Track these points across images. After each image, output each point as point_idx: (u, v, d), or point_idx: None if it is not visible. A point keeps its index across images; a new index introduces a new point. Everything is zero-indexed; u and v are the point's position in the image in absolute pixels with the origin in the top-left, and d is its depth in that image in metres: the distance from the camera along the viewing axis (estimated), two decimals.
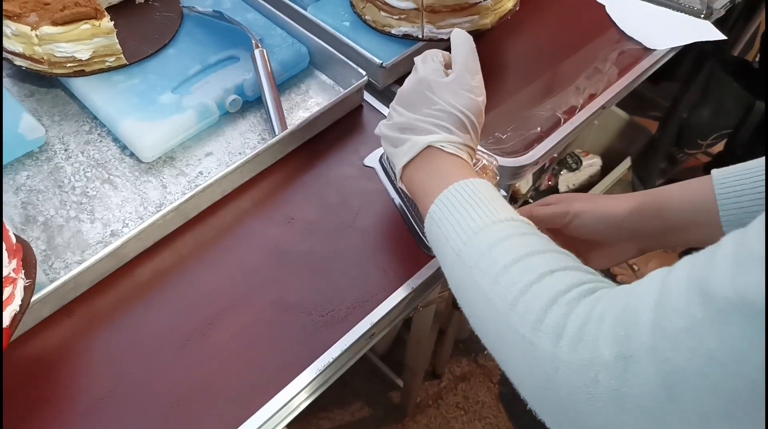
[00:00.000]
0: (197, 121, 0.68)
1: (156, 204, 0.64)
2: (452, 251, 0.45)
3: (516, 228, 0.44)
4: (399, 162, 0.52)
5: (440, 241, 0.46)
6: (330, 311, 0.58)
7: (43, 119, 0.70)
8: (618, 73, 0.79)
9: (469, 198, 0.46)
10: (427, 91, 0.52)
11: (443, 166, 0.49)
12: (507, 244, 0.42)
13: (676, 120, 1.41)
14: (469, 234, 0.44)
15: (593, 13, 0.87)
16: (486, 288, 0.41)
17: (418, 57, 0.56)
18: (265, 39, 0.74)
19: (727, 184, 0.52)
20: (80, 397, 0.52)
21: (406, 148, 0.51)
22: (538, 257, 0.41)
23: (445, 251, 0.46)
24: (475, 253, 0.43)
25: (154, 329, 0.56)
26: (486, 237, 0.43)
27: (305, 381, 0.53)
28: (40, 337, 0.55)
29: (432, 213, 0.47)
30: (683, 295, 0.32)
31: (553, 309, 0.38)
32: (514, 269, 0.41)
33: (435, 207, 0.47)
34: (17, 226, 0.61)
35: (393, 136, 0.53)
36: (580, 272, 0.40)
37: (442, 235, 0.46)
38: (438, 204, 0.47)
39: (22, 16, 0.65)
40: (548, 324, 0.37)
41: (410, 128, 0.51)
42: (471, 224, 0.44)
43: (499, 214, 0.44)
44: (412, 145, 0.51)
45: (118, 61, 0.70)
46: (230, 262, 0.60)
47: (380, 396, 1.32)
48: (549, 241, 0.44)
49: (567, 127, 0.73)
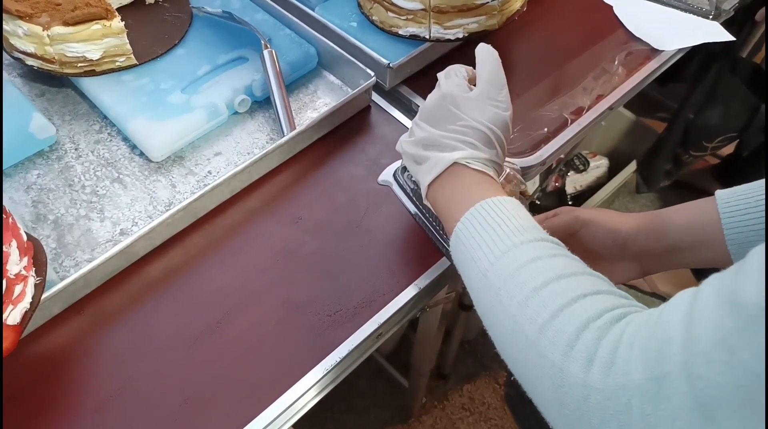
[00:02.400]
0: (206, 120, 0.68)
1: (165, 203, 0.64)
2: (479, 272, 0.43)
3: (545, 249, 0.42)
4: (424, 179, 0.50)
5: (466, 260, 0.45)
6: (337, 311, 0.58)
7: (54, 119, 0.70)
8: (626, 74, 0.79)
9: (495, 216, 0.44)
10: (452, 106, 0.50)
11: (469, 183, 0.48)
12: (536, 265, 0.41)
13: (682, 121, 1.40)
14: (497, 254, 0.42)
15: (601, 14, 0.87)
16: (514, 311, 0.40)
17: (441, 73, 0.54)
18: (273, 39, 0.75)
19: (732, 204, 0.51)
20: (90, 395, 0.53)
21: (431, 165, 0.50)
22: (569, 280, 0.40)
23: (471, 271, 0.44)
24: (503, 274, 0.42)
25: (163, 328, 0.56)
26: (514, 258, 0.42)
27: (312, 380, 0.54)
28: (50, 335, 0.56)
29: (458, 232, 0.46)
30: (713, 310, 0.31)
31: (585, 334, 0.36)
32: (543, 292, 0.39)
33: (461, 225, 0.46)
34: (28, 224, 0.62)
35: (416, 153, 0.51)
36: (612, 296, 0.39)
37: (468, 254, 0.45)
38: (464, 222, 0.45)
39: (33, 17, 0.65)
40: (579, 350, 0.36)
41: (434, 145, 0.50)
42: (498, 244, 0.43)
43: (527, 234, 0.43)
44: (436, 162, 0.49)
45: (128, 61, 0.71)
46: (239, 261, 0.61)
47: (386, 396, 1.32)
48: (580, 262, 0.42)
49: (574, 127, 0.73)
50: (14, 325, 0.47)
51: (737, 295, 0.31)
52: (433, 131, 0.50)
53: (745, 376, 0.29)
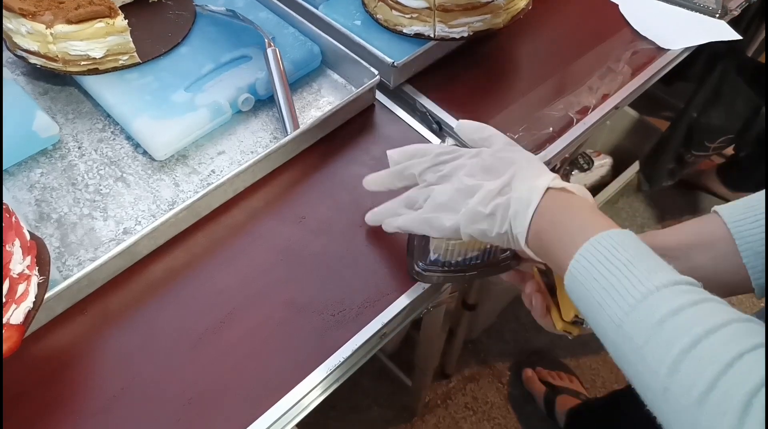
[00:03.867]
0: (210, 119, 0.68)
1: (168, 202, 0.64)
2: (611, 322, 0.39)
3: (685, 294, 0.38)
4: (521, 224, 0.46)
5: (592, 305, 0.41)
6: (341, 311, 0.58)
7: (57, 117, 0.70)
8: (631, 73, 0.78)
9: (619, 255, 0.41)
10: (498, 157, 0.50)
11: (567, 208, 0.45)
12: (680, 318, 0.37)
13: (686, 120, 1.40)
14: (631, 303, 0.39)
15: (606, 13, 0.86)
16: (663, 376, 0.36)
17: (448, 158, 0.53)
18: (277, 38, 0.75)
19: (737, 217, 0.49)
20: (93, 395, 0.52)
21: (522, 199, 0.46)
22: (721, 335, 0.36)
23: (601, 319, 0.40)
24: (643, 328, 0.38)
25: (166, 327, 0.56)
26: (652, 308, 0.38)
27: (316, 380, 0.53)
28: (53, 334, 0.56)
29: (573, 271, 0.42)
30: None
31: (751, 411, 0.33)
32: (695, 354, 0.35)
33: (576, 264, 0.42)
34: (31, 223, 0.62)
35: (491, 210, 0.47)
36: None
37: (593, 299, 0.41)
38: (580, 261, 0.42)
39: (37, 15, 0.65)
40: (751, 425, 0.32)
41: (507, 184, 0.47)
42: (631, 291, 0.39)
43: (660, 278, 0.39)
44: (528, 194, 0.45)
45: (131, 59, 0.71)
46: (242, 260, 0.60)
47: (389, 396, 1.32)
48: (726, 305, 0.38)
49: (579, 127, 0.73)
50: (17, 324, 0.47)
51: None
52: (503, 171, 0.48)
53: None
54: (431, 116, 0.73)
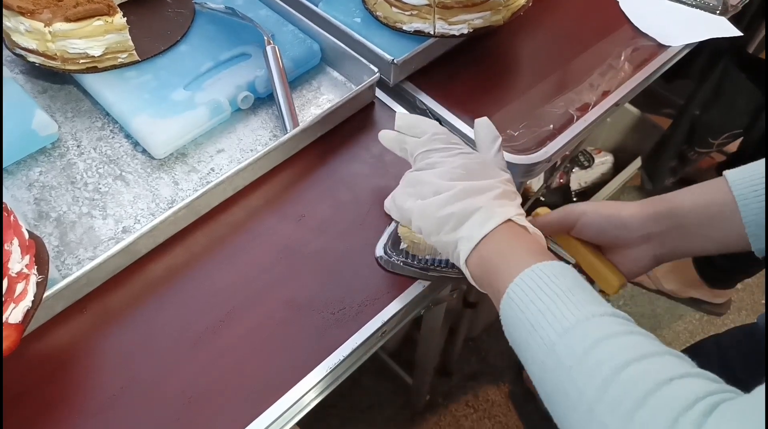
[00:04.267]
0: (209, 117, 0.68)
1: (168, 200, 0.64)
2: (543, 344, 0.40)
3: (620, 325, 0.39)
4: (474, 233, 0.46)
5: (525, 328, 0.41)
6: (341, 309, 0.57)
7: (56, 115, 0.70)
8: (632, 69, 0.78)
9: (559, 282, 0.41)
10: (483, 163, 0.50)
11: (518, 240, 0.46)
12: (613, 342, 0.38)
13: (688, 117, 1.39)
14: (566, 326, 0.39)
15: (607, 9, 0.86)
16: (591, 395, 0.36)
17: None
18: (276, 35, 0.74)
19: (746, 184, 0.50)
20: (92, 394, 0.52)
21: (483, 217, 0.46)
22: (652, 361, 0.36)
23: (532, 341, 0.40)
24: (576, 350, 0.38)
25: (165, 326, 0.56)
26: (586, 332, 0.38)
27: (316, 379, 0.53)
28: (52, 333, 0.55)
29: (512, 294, 0.42)
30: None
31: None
32: (624, 375, 0.36)
33: (516, 287, 0.42)
34: (30, 222, 0.62)
35: (456, 209, 0.47)
36: (700, 379, 0.35)
37: (527, 321, 0.41)
38: (519, 284, 0.42)
39: (35, 13, 0.65)
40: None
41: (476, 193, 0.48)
42: (567, 316, 0.39)
43: (597, 307, 0.40)
44: (490, 215, 0.46)
45: (130, 57, 0.70)
46: (242, 259, 0.60)
47: (390, 393, 1.32)
48: (657, 341, 0.39)
49: (580, 124, 0.72)
50: (16, 323, 0.47)
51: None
52: (476, 183, 0.48)
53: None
54: (431, 113, 0.73)
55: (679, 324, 1.47)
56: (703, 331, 1.46)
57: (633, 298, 1.50)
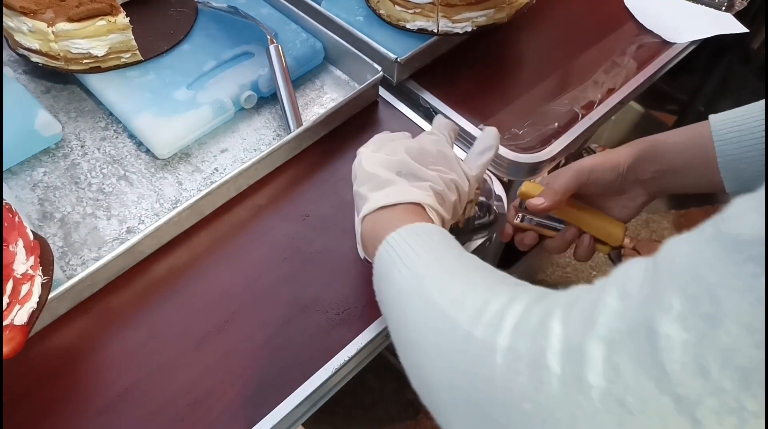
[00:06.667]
0: (212, 117, 0.68)
1: (172, 201, 0.64)
2: (404, 267, 0.42)
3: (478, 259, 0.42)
4: (377, 200, 0.48)
5: (392, 259, 0.43)
6: (345, 309, 0.57)
7: (60, 116, 0.70)
8: (637, 67, 0.78)
9: (434, 233, 0.44)
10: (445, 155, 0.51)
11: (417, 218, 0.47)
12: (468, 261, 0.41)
13: (693, 114, 1.39)
14: (427, 252, 0.42)
15: (611, 6, 0.85)
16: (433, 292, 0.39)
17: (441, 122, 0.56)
18: (279, 34, 0.74)
19: (726, 130, 0.52)
20: (97, 395, 0.52)
21: (395, 190, 0.48)
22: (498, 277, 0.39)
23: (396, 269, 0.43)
24: (431, 265, 0.41)
25: (170, 327, 0.56)
26: (444, 256, 0.42)
27: (320, 380, 0.53)
28: (56, 334, 0.55)
29: (390, 238, 0.44)
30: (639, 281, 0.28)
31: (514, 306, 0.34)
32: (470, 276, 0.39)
33: (395, 234, 0.44)
34: (35, 222, 0.61)
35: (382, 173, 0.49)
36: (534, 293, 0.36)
37: (396, 254, 0.43)
38: (399, 232, 0.44)
39: (38, 13, 0.65)
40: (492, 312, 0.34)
41: (410, 175, 0.49)
42: (432, 246, 0.43)
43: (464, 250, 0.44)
44: (403, 193, 0.48)
45: (133, 57, 0.70)
46: (246, 259, 0.60)
47: (394, 392, 1.32)
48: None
49: (585, 122, 0.72)
50: (21, 325, 0.47)
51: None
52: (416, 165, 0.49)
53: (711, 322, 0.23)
54: (435, 112, 0.72)
55: None
56: None
57: None
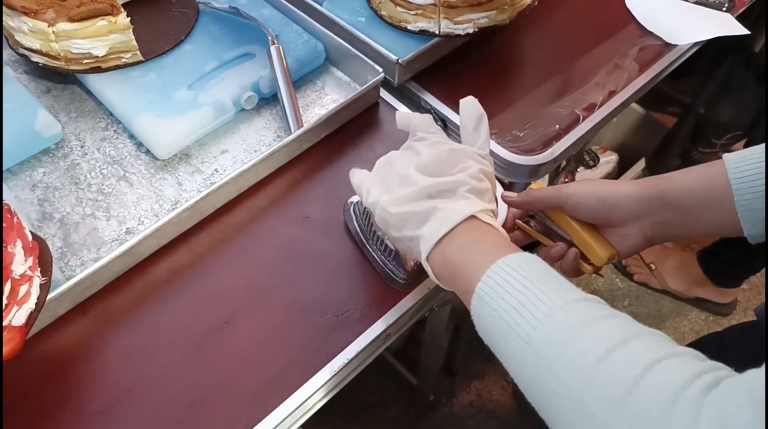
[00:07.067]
0: (213, 118, 0.67)
1: (171, 202, 0.64)
2: (519, 339, 0.38)
3: (594, 310, 0.38)
4: (432, 234, 0.45)
5: (500, 326, 0.39)
6: (345, 311, 0.57)
7: (60, 116, 0.70)
8: (638, 69, 0.77)
9: (527, 275, 0.40)
10: (456, 155, 0.48)
11: (482, 236, 0.44)
12: (591, 330, 0.36)
13: (694, 116, 1.38)
14: (540, 318, 0.37)
15: (613, 8, 0.85)
16: (578, 390, 0.34)
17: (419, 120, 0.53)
18: (281, 35, 0.74)
19: (742, 168, 0.49)
20: (96, 396, 0.52)
21: (442, 217, 0.45)
22: (636, 344, 0.35)
23: (508, 338, 0.39)
24: (554, 341, 0.36)
25: (169, 328, 0.56)
26: (563, 321, 0.37)
27: (320, 382, 0.53)
28: (56, 335, 0.55)
29: (481, 292, 0.41)
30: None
31: (677, 411, 0.31)
32: (609, 362, 0.34)
33: (484, 285, 0.41)
34: (34, 223, 0.61)
35: (416, 207, 0.46)
36: (688, 358, 0.34)
37: (501, 319, 0.39)
38: (487, 282, 0.40)
39: (39, 13, 0.65)
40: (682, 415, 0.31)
41: (442, 193, 0.46)
42: (539, 306, 0.38)
43: (569, 294, 0.39)
44: (451, 214, 0.45)
45: (134, 57, 0.70)
46: (246, 260, 0.60)
47: (394, 393, 1.32)
48: (634, 321, 0.37)
49: (586, 124, 0.72)
50: (19, 326, 0.47)
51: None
52: (440, 179, 0.47)
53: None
54: (436, 114, 0.72)
55: (684, 324, 1.46)
56: (709, 331, 1.45)
57: (638, 298, 1.49)
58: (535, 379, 0.37)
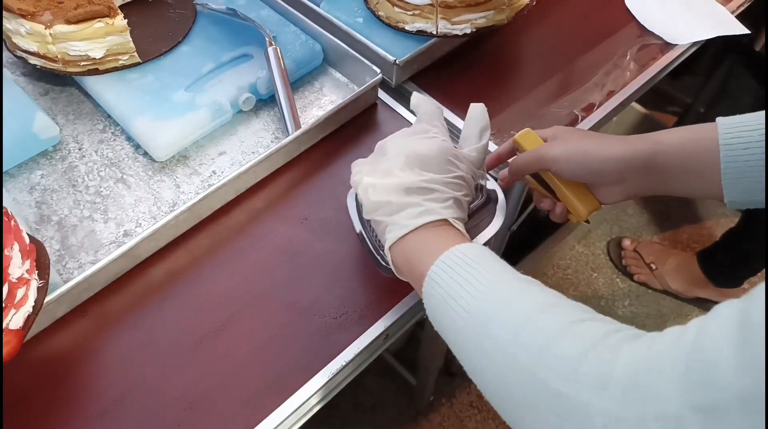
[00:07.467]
0: (211, 119, 0.67)
1: (169, 204, 0.63)
2: (461, 309, 0.40)
3: (534, 284, 0.40)
4: (405, 223, 0.46)
5: (445, 300, 0.42)
6: (344, 313, 0.57)
7: (58, 118, 0.70)
8: (638, 69, 0.77)
9: (477, 258, 0.42)
10: (451, 157, 0.49)
11: (446, 236, 0.46)
12: (527, 295, 0.39)
13: (694, 115, 1.38)
14: (482, 290, 0.40)
15: (612, 7, 0.85)
16: (506, 341, 0.37)
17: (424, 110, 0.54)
18: (278, 36, 0.74)
19: (734, 134, 0.48)
20: (94, 399, 0.52)
21: (419, 212, 0.46)
22: (565, 307, 0.38)
23: (453, 311, 0.41)
24: (492, 306, 0.39)
25: (167, 330, 0.56)
26: (501, 291, 0.40)
27: (318, 384, 0.53)
28: (54, 338, 0.55)
29: (432, 274, 0.43)
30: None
31: (592, 354, 0.33)
32: (539, 318, 0.37)
33: (436, 268, 0.43)
34: (32, 225, 0.61)
35: (391, 199, 0.48)
36: (614, 322, 0.36)
37: (446, 294, 0.42)
38: (439, 265, 0.43)
39: (36, 15, 0.65)
40: (587, 372, 0.32)
41: (420, 190, 0.47)
42: (482, 280, 0.41)
43: (510, 273, 0.41)
44: (428, 211, 0.46)
45: (131, 59, 0.70)
46: (244, 262, 0.60)
47: (393, 394, 1.32)
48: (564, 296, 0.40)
49: (585, 124, 0.72)
50: (17, 329, 0.47)
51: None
52: (421, 177, 0.48)
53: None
54: None
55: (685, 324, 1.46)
56: None
57: (638, 298, 1.49)
58: (471, 344, 0.40)
